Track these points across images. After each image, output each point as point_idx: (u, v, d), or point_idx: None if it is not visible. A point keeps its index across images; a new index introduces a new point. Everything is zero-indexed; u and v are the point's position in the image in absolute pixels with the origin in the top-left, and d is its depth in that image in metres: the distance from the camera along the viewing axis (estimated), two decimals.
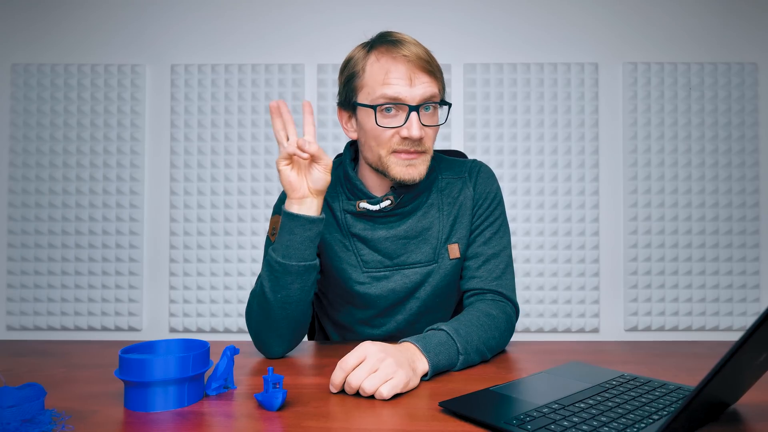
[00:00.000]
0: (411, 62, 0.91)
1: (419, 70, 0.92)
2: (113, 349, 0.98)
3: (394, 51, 0.92)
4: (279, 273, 0.87)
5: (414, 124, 0.91)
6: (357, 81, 0.95)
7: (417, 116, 0.91)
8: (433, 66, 0.93)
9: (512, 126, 2.30)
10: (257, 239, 2.30)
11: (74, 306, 2.29)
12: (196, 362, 0.67)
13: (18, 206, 2.30)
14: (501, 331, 0.93)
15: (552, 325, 2.27)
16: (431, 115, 0.95)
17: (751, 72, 2.29)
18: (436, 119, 0.96)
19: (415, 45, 0.93)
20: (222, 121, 2.31)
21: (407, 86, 0.91)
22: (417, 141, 0.92)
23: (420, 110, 0.92)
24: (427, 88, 0.92)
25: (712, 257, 2.27)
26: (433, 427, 0.60)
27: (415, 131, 0.90)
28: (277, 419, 0.63)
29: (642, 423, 0.58)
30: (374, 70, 0.93)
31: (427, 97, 0.92)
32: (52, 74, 2.31)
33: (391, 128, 0.92)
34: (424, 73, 0.92)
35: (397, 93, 0.91)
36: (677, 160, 2.28)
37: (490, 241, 1.02)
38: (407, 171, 0.94)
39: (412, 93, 0.91)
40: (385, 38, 0.95)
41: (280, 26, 2.35)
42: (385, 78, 0.92)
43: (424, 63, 0.92)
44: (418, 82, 0.91)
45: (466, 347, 0.84)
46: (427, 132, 0.94)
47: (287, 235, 0.87)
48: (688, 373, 0.81)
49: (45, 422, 0.58)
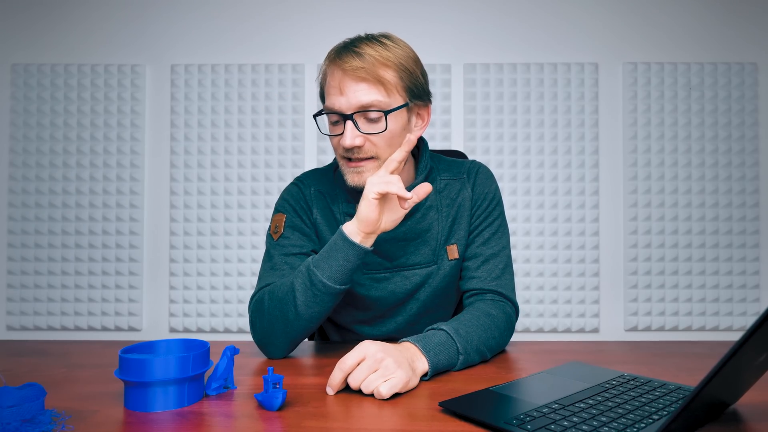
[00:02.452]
0: (344, 71, 0.90)
1: (351, 80, 0.90)
2: (113, 349, 0.98)
3: (336, 61, 0.92)
4: (321, 292, 0.87)
5: (347, 133, 0.90)
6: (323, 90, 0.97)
7: (352, 125, 0.90)
8: (372, 72, 0.89)
9: (512, 126, 2.30)
10: (257, 239, 2.30)
11: (74, 306, 2.29)
12: (196, 362, 0.67)
13: (18, 206, 2.30)
14: (501, 330, 0.93)
15: (552, 325, 2.27)
16: (375, 122, 0.92)
17: (751, 72, 2.29)
18: (381, 125, 0.91)
19: (356, 55, 0.90)
20: (222, 121, 2.31)
21: (339, 95, 0.91)
22: (357, 149, 0.92)
23: (359, 118, 0.91)
24: (363, 96, 0.90)
25: (712, 257, 2.27)
26: (433, 427, 0.60)
27: (347, 140, 0.90)
28: (277, 419, 0.63)
29: (642, 423, 0.58)
30: (327, 80, 0.95)
31: (362, 105, 0.90)
32: (52, 74, 2.31)
33: (335, 136, 0.94)
34: (357, 81, 0.90)
35: (332, 103, 0.92)
36: (677, 160, 2.28)
37: (489, 241, 1.02)
38: (353, 178, 0.94)
39: (346, 102, 0.90)
40: (339, 47, 0.95)
41: (280, 26, 2.35)
42: (327, 87, 0.94)
43: (357, 72, 0.89)
44: (350, 91, 0.90)
45: (466, 347, 0.84)
46: (371, 138, 0.92)
47: (342, 261, 0.86)
48: (688, 373, 0.81)
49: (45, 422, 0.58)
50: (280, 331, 0.90)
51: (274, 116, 2.31)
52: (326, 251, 0.87)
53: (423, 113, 0.99)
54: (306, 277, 0.87)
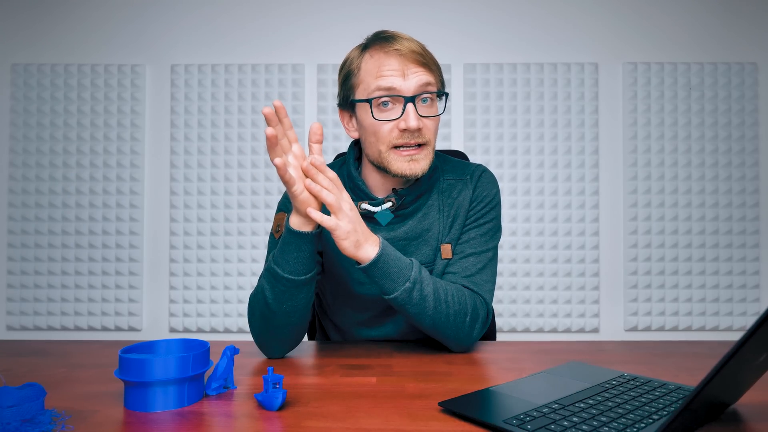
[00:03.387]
0: (403, 55, 0.92)
1: (411, 62, 0.92)
2: (113, 349, 0.98)
3: (386, 46, 0.93)
4: (287, 287, 0.86)
5: (411, 114, 0.90)
6: (353, 79, 0.96)
7: (414, 107, 0.91)
8: (426, 58, 0.94)
9: (512, 126, 2.30)
10: (257, 239, 2.30)
11: (74, 306, 2.29)
12: (196, 362, 0.67)
13: (18, 206, 2.30)
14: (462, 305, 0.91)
15: (552, 325, 2.27)
16: (429, 107, 0.95)
17: (751, 72, 2.29)
18: (434, 110, 0.96)
19: (408, 40, 0.94)
20: (222, 121, 2.31)
21: (401, 78, 0.91)
22: (416, 132, 0.92)
23: (417, 101, 0.92)
24: (422, 77, 0.92)
25: (712, 257, 2.27)
26: (433, 427, 0.60)
27: (413, 121, 0.90)
28: (277, 419, 0.63)
29: (642, 423, 0.58)
30: (369, 66, 0.94)
31: (422, 85, 0.92)
32: (52, 74, 2.31)
33: (388, 121, 0.92)
34: (417, 65, 0.93)
35: (392, 84, 0.91)
36: (677, 160, 2.28)
37: (473, 240, 1.00)
38: (409, 166, 0.93)
39: (406, 84, 0.91)
40: (378, 36, 0.96)
41: (280, 26, 2.35)
42: (378, 71, 0.93)
43: (416, 56, 0.92)
44: (411, 73, 0.92)
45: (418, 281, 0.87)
46: (426, 123, 0.93)
47: (296, 253, 0.85)
48: (688, 373, 0.81)
49: (45, 422, 0.58)
50: (265, 330, 0.90)
51: None
52: (280, 247, 0.87)
53: None
54: (270, 275, 0.87)
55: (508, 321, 2.27)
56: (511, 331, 2.28)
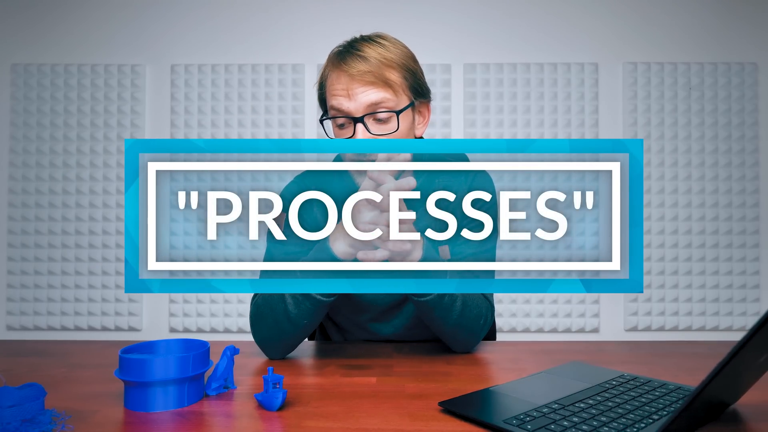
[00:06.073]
0: (350, 76, 0.89)
1: (358, 83, 0.89)
2: (113, 349, 0.98)
3: (340, 65, 0.91)
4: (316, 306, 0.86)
5: (359, 134, 0.89)
6: (323, 93, 0.96)
7: (363, 126, 0.89)
8: (378, 75, 0.89)
9: (512, 126, 2.30)
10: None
11: (74, 306, 2.29)
12: (196, 362, 0.67)
13: (18, 206, 2.30)
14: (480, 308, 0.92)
15: (552, 325, 2.27)
16: (384, 123, 0.91)
17: (751, 72, 2.28)
18: (391, 126, 0.91)
19: (360, 59, 0.89)
20: (222, 121, 2.31)
21: (346, 99, 0.89)
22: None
23: (368, 120, 0.90)
24: (370, 96, 0.89)
25: (712, 257, 2.27)
26: (433, 427, 0.60)
27: None
28: (277, 419, 0.63)
29: (642, 423, 0.58)
30: (328, 83, 0.93)
31: (370, 105, 0.89)
32: (52, 74, 2.31)
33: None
34: (364, 84, 0.89)
35: (339, 104, 0.90)
36: (677, 160, 2.28)
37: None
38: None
39: (354, 105, 0.89)
40: (340, 49, 0.94)
41: (280, 26, 2.35)
42: (331, 90, 0.92)
43: (363, 75, 0.89)
44: (358, 93, 0.89)
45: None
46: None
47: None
48: (688, 373, 0.81)
49: (45, 422, 0.58)
50: (275, 337, 0.90)
51: (274, 116, 2.31)
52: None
53: (424, 110, 0.99)
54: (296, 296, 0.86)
55: (508, 321, 2.27)
56: (511, 331, 2.28)
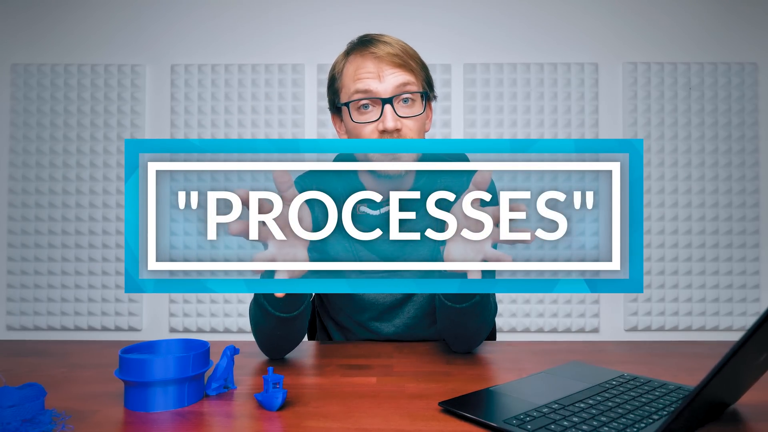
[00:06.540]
0: (378, 58, 0.92)
1: (387, 64, 0.92)
2: (113, 349, 0.98)
3: (363, 50, 0.94)
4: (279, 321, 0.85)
5: (388, 115, 0.90)
6: (337, 83, 0.97)
7: (392, 108, 0.91)
8: (404, 59, 0.93)
9: (512, 126, 2.30)
10: None
11: (74, 306, 2.29)
12: (196, 362, 0.67)
13: (18, 206, 2.30)
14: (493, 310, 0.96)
15: (552, 325, 2.27)
16: (409, 107, 0.94)
17: (751, 72, 2.28)
18: (416, 109, 0.94)
19: (387, 43, 0.93)
20: (222, 121, 2.31)
21: (376, 80, 0.91)
22: (395, 133, 0.92)
23: (396, 102, 0.92)
24: (399, 77, 0.92)
25: (712, 257, 2.27)
26: (433, 427, 0.60)
27: (390, 122, 0.90)
28: (277, 419, 0.63)
29: (642, 423, 0.58)
30: (348, 70, 0.95)
31: (399, 86, 0.91)
32: (52, 74, 2.31)
33: (367, 123, 0.92)
34: (393, 66, 0.92)
35: (368, 86, 0.91)
36: (677, 160, 2.28)
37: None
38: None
39: (383, 86, 0.91)
40: (359, 40, 0.97)
41: (280, 26, 2.35)
42: (356, 75, 0.93)
43: (392, 57, 0.92)
44: (387, 74, 0.91)
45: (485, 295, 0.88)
46: (406, 123, 0.93)
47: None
48: (688, 373, 0.81)
49: (45, 422, 0.58)
50: (267, 342, 0.90)
51: (274, 116, 2.31)
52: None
53: (428, 109, 1.01)
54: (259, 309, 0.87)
55: (508, 321, 2.27)
56: (511, 331, 2.28)
